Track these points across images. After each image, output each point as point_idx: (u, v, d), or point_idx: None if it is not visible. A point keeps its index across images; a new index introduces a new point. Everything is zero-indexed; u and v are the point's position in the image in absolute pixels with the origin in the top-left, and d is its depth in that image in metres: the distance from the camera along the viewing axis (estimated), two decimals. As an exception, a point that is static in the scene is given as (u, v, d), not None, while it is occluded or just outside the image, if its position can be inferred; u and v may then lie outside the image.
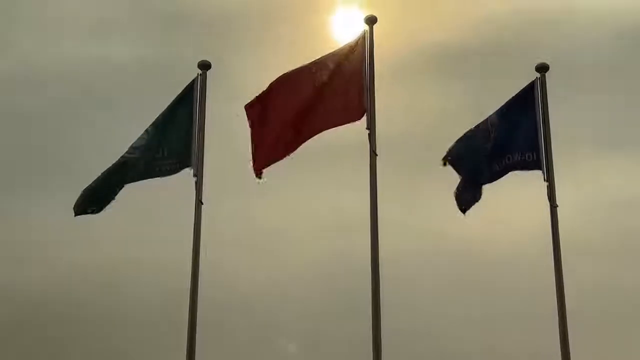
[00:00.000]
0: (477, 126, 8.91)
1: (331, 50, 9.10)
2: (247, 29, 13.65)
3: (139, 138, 9.03)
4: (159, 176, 8.91)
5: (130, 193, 9.10)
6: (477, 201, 8.73)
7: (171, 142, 8.97)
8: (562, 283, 8.10)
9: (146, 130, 9.05)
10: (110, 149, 9.40)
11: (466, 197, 8.79)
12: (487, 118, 8.88)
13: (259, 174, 8.67)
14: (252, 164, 8.68)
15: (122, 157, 8.98)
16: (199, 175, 8.61)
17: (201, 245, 8.43)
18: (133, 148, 8.99)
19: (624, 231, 11.69)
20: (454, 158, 8.83)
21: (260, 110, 8.88)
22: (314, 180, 11.92)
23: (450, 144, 8.89)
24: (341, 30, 9.70)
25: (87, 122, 13.45)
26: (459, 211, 8.70)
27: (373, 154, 8.61)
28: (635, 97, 12.82)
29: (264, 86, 9.07)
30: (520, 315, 10.12)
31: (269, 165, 8.77)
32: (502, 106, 8.90)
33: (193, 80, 9.07)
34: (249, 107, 8.82)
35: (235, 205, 11.24)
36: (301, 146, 9.24)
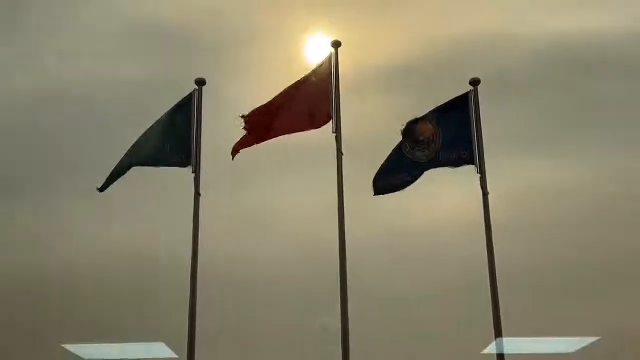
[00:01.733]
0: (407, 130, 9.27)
1: (304, 72, 9.52)
2: (234, 52, 13.90)
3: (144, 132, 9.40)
4: (165, 165, 9.28)
5: (138, 186, 9.55)
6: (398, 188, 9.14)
7: (172, 142, 9.32)
8: (493, 255, 8.60)
9: (150, 128, 9.40)
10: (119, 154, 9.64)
11: (384, 185, 9.19)
12: (422, 120, 9.28)
13: (234, 153, 9.08)
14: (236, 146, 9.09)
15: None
16: (196, 171, 9.02)
17: (199, 229, 8.80)
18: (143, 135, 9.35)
19: (542, 212, 12.20)
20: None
21: (253, 118, 9.24)
22: (292, 176, 12.21)
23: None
24: (311, 52, 9.98)
25: (98, 131, 13.40)
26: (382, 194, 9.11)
27: (339, 153, 9.11)
28: (551, 104, 13.39)
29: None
30: (462, 284, 10.46)
31: (243, 147, 9.15)
32: (439, 112, 9.33)
33: (190, 94, 9.44)
34: (250, 116, 9.20)
35: (227, 196, 11.56)
36: (282, 148, 9.74)
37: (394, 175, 9.30)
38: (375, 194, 9.21)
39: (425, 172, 9.24)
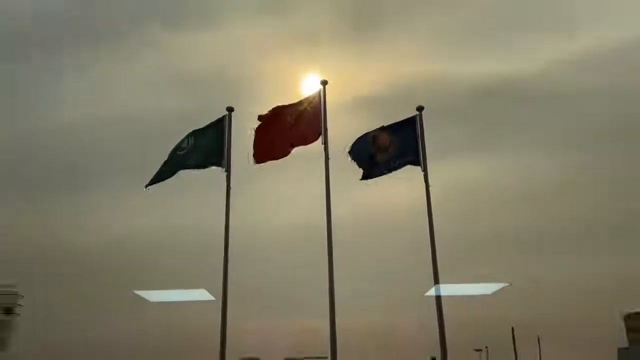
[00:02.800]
0: (368, 134, 9.64)
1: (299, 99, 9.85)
2: (251, 88, 14.42)
3: (182, 140, 9.70)
4: (205, 167, 9.62)
5: (187, 182, 9.82)
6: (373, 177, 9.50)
7: (210, 150, 9.65)
8: (433, 226, 9.03)
9: (187, 137, 9.69)
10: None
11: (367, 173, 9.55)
12: (379, 130, 9.65)
13: (258, 162, 9.45)
14: (254, 155, 9.42)
15: (177, 151, 9.65)
16: (228, 171, 9.42)
17: (230, 212, 9.15)
18: (182, 148, 9.66)
19: (468, 196, 12.83)
20: (354, 154, 9.58)
21: (261, 126, 9.66)
22: (293, 174, 12.59)
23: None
24: (306, 89, 10.08)
25: (149, 145, 13.64)
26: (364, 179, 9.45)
27: (327, 158, 9.46)
28: (475, 123, 14.09)
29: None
30: (412, 246, 10.89)
31: (266, 161, 9.52)
32: (394, 128, 9.68)
33: (223, 117, 9.76)
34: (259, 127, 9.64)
35: (249, 189, 11.64)
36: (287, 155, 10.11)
37: (370, 168, 9.63)
38: (362, 179, 9.56)
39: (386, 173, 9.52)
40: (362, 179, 9.57)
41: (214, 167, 9.59)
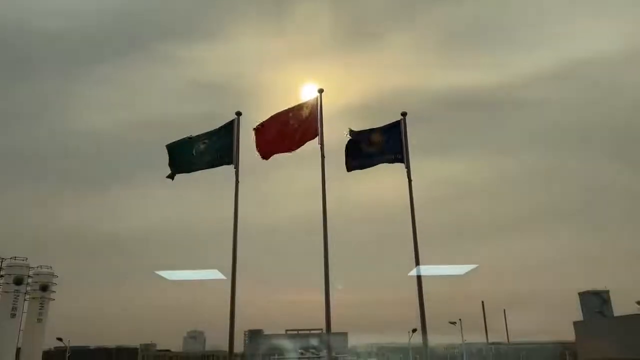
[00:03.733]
0: (360, 134, 9.78)
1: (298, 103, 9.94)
2: (257, 96, 14.40)
3: (197, 142, 9.73)
4: (217, 166, 9.68)
5: (203, 177, 9.84)
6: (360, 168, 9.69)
7: (221, 150, 9.71)
8: (414, 215, 9.18)
9: (204, 140, 9.74)
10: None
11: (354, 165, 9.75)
12: (369, 130, 9.82)
13: (264, 157, 9.63)
14: (258, 151, 9.60)
15: (192, 151, 9.67)
16: (237, 167, 9.52)
17: (239, 202, 9.26)
18: (197, 150, 9.69)
19: (443, 189, 12.88)
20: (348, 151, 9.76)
21: (263, 127, 9.76)
22: (293, 170, 12.79)
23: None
24: (305, 96, 10.13)
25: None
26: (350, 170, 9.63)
27: (322, 156, 9.60)
28: (448, 127, 14.09)
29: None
30: (396, 233, 11.03)
31: (271, 155, 9.67)
32: (383, 129, 9.79)
33: (232, 120, 9.77)
34: (260, 126, 9.76)
35: (254, 182, 11.76)
36: (287, 154, 10.22)
37: (358, 160, 9.80)
38: (348, 171, 9.72)
39: (374, 166, 9.66)
40: (349, 170, 9.66)
41: (223, 166, 9.57)
